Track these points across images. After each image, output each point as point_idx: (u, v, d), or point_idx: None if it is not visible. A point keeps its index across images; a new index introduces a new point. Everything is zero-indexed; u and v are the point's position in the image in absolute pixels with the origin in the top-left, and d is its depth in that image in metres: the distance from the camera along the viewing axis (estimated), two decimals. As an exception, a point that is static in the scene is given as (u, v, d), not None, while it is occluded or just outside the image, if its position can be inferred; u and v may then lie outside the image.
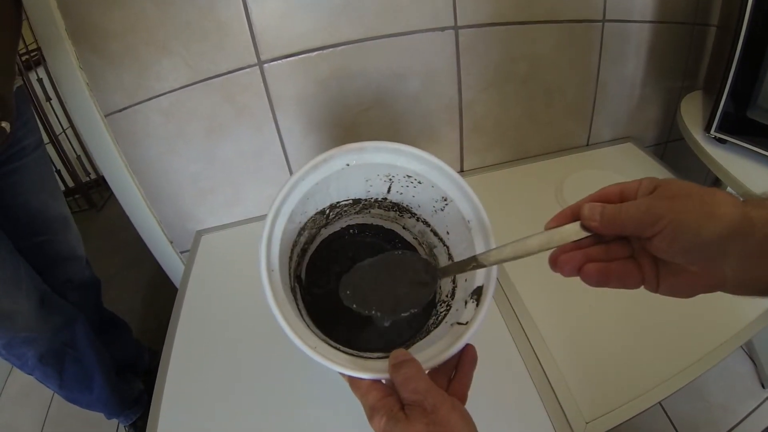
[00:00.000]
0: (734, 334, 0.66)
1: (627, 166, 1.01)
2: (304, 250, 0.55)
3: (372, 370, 0.39)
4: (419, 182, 0.51)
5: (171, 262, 0.99)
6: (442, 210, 0.52)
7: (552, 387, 0.61)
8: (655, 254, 0.33)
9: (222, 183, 0.89)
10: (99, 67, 0.74)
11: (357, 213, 0.58)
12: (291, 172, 0.90)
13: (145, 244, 0.97)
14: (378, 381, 0.39)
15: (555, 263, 0.36)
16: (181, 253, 0.99)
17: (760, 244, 0.29)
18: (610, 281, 0.34)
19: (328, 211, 0.54)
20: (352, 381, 0.39)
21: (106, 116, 0.78)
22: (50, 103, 1.93)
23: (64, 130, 2.03)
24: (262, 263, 0.44)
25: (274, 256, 0.45)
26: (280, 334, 0.71)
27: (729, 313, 0.68)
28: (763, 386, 1.19)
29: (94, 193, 2.15)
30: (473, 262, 0.42)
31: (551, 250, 0.37)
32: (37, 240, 0.93)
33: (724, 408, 1.16)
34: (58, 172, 1.98)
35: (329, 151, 0.47)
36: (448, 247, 0.54)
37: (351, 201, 0.55)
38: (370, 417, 0.36)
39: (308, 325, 0.45)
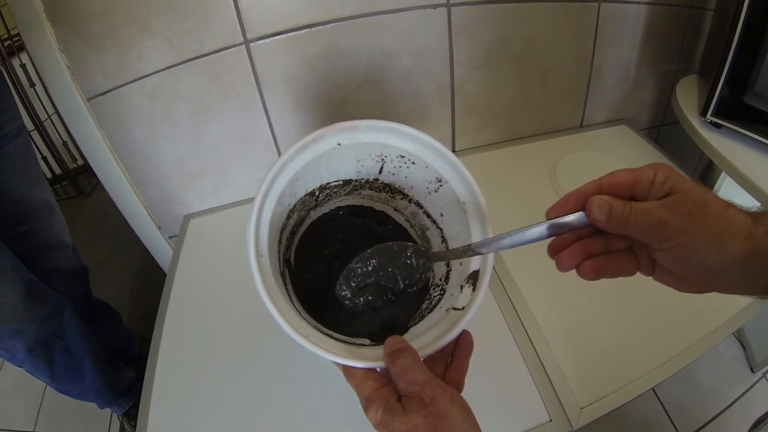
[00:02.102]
0: (726, 320, 0.66)
1: (621, 148, 1.00)
2: (293, 233, 0.54)
3: (366, 358, 0.38)
4: (413, 162, 0.50)
5: (159, 247, 0.98)
6: (436, 191, 0.51)
7: (547, 373, 0.61)
8: (657, 260, 0.33)
9: (209, 166, 0.87)
10: (80, 50, 0.71)
11: (347, 194, 0.57)
12: (279, 154, 0.88)
13: (134, 230, 0.95)
14: (373, 370, 0.37)
15: (553, 255, 0.36)
16: (170, 238, 0.97)
17: (760, 270, 0.30)
18: (606, 275, 0.34)
19: (317, 193, 0.53)
20: (347, 370, 0.38)
21: (88, 100, 0.76)
22: (34, 89, 1.89)
23: (49, 116, 1.99)
24: (250, 249, 0.42)
25: (263, 240, 0.43)
26: (272, 319, 0.70)
27: (721, 300, 0.68)
28: (752, 371, 1.21)
29: (81, 180, 2.11)
30: (470, 251, 0.40)
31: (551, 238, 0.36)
32: (22, 229, 0.91)
33: (714, 391, 1.17)
34: (45, 159, 1.94)
35: (319, 130, 0.45)
36: (441, 230, 0.53)
37: (341, 182, 0.53)
38: (366, 408, 0.35)
39: (299, 312, 0.43)
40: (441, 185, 0.50)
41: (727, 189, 0.99)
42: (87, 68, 0.73)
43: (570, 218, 0.34)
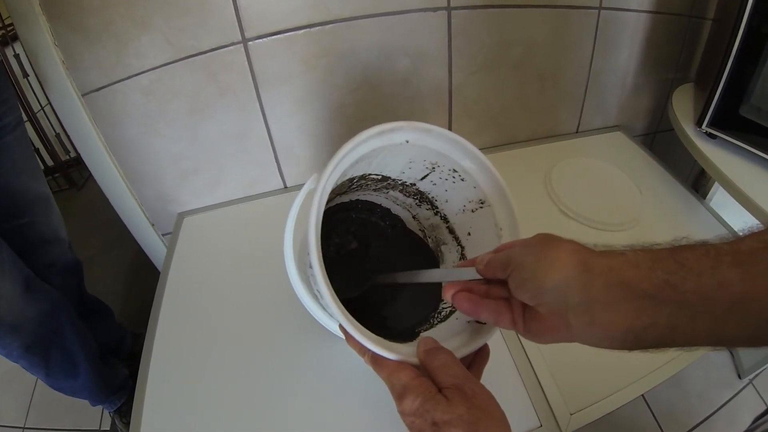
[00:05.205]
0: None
1: (616, 155, 1.01)
2: None
3: (398, 351, 0.39)
4: (462, 179, 0.50)
5: (153, 244, 0.97)
6: (472, 211, 0.51)
7: (538, 379, 0.61)
8: (512, 292, 0.35)
9: (204, 164, 0.87)
10: (75, 44, 0.70)
11: (375, 190, 0.57)
12: (275, 154, 0.89)
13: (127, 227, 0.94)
14: (405, 362, 0.38)
15: (443, 290, 0.40)
16: (163, 235, 0.96)
17: (600, 292, 0.29)
18: (480, 313, 0.38)
19: (355, 181, 0.52)
20: (377, 360, 0.39)
21: (83, 95, 0.75)
22: (28, 80, 1.86)
23: (42, 108, 1.97)
24: (312, 219, 0.39)
25: (320, 214, 0.41)
26: (265, 316, 0.70)
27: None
28: (739, 377, 1.22)
29: (74, 172, 2.09)
30: (392, 278, 0.49)
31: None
32: (19, 222, 0.90)
33: (701, 397, 1.18)
34: (37, 150, 1.91)
35: (398, 121, 0.45)
36: (463, 248, 0.53)
37: (380, 177, 0.53)
38: (401, 396, 0.36)
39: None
40: (482, 207, 0.50)
41: (719, 198, 1.00)
42: (82, 63, 0.72)
43: (465, 268, 0.40)
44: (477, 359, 0.43)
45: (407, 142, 0.46)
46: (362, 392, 0.60)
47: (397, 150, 0.47)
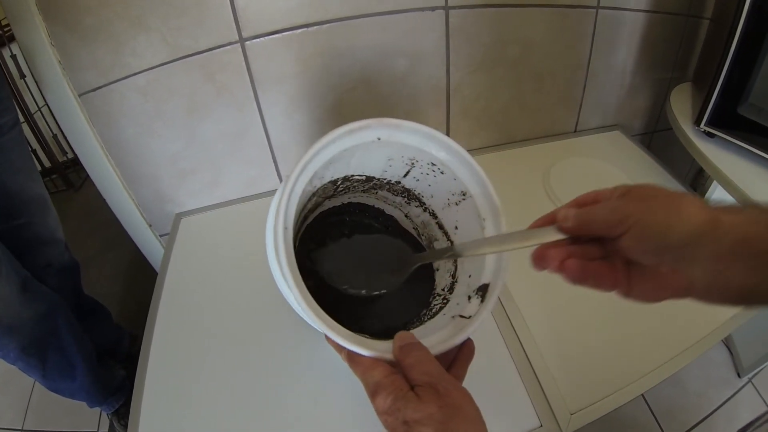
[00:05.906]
0: (715, 328, 0.67)
1: (614, 154, 1.01)
2: (305, 218, 0.54)
3: (373, 348, 0.38)
4: (441, 172, 0.50)
5: (150, 245, 0.97)
6: (456, 204, 0.51)
7: (538, 378, 0.61)
8: (625, 254, 0.33)
9: (202, 164, 0.87)
10: (71, 44, 0.70)
11: (364, 191, 0.57)
12: (273, 153, 0.88)
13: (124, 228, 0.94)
14: (380, 359, 0.38)
15: (540, 258, 0.36)
16: (161, 236, 0.96)
17: (729, 248, 0.29)
18: (587, 279, 0.34)
19: (339, 183, 0.52)
20: (352, 357, 0.38)
21: (79, 96, 0.75)
22: (25, 81, 1.86)
23: (39, 109, 1.96)
24: (279, 220, 0.39)
25: (290, 214, 0.41)
26: (262, 317, 0.69)
27: (710, 308, 0.68)
28: (738, 375, 1.22)
29: (71, 173, 2.08)
30: (450, 251, 0.44)
31: (532, 248, 0.37)
32: (16, 223, 0.90)
33: (700, 395, 1.18)
34: (34, 151, 1.91)
35: (367, 119, 0.45)
36: (452, 243, 0.53)
37: (364, 177, 0.53)
38: (374, 393, 0.35)
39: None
40: (464, 199, 0.50)
41: (718, 197, 1.00)
42: (79, 63, 0.72)
43: (544, 228, 0.36)
44: (460, 355, 0.42)
45: (379, 139, 0.46)
46: (359, 391, 0.59)
47: (371, 148, 0.47)
